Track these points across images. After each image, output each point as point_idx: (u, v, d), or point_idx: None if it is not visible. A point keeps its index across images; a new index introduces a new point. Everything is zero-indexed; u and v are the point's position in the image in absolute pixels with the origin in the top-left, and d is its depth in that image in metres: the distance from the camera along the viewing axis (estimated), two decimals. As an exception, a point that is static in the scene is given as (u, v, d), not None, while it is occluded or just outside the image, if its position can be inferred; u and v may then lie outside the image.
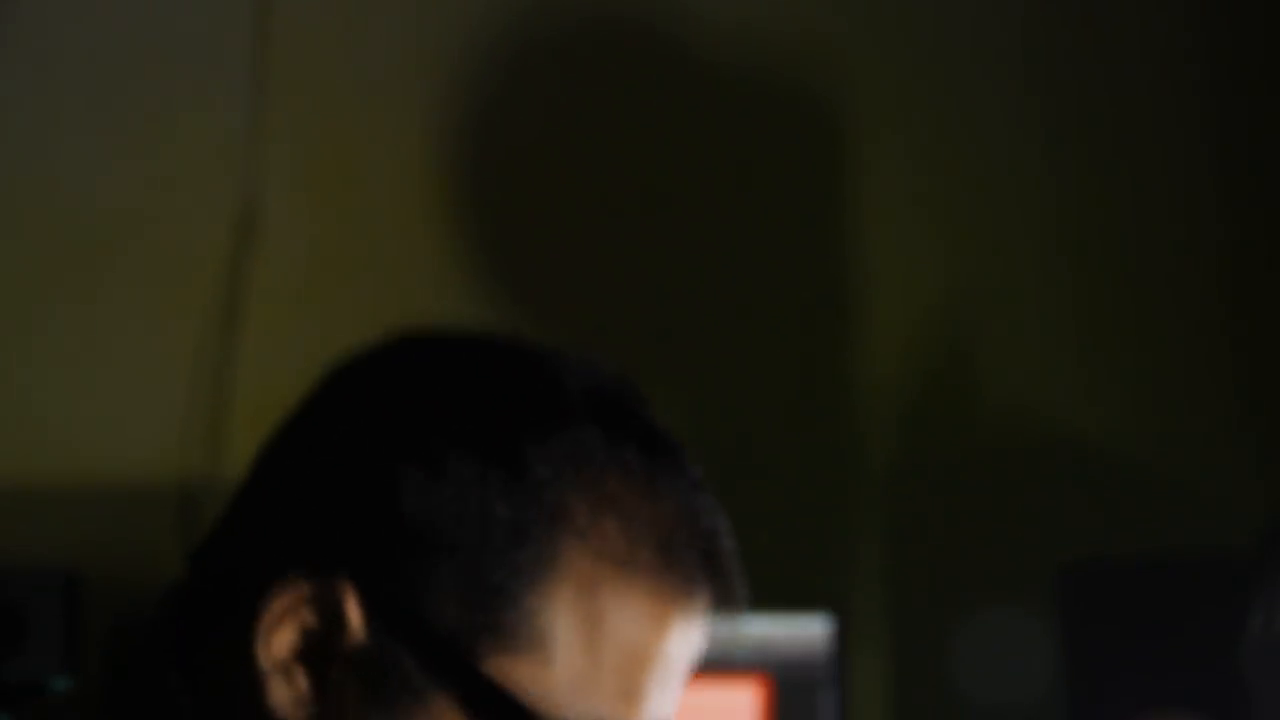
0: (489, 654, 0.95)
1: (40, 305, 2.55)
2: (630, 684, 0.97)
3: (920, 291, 2.58)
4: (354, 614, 0.95)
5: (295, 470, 0.99)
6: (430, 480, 0.95)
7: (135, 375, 2.55)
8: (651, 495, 0.97)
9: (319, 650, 0.95)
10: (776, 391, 2.57)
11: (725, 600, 0.99)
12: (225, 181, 2.50)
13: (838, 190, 2.59)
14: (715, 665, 2.14)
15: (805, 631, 2.17)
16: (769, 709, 2.15)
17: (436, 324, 1.02)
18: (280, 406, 1.03)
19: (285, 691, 0.95)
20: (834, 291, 2.59)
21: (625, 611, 0.96)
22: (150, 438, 2.53)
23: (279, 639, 0.95)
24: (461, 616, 0.94)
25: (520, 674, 0.95)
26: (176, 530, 2.41)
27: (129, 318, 2.55)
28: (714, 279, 2.56)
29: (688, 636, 0.99)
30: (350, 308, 2.44)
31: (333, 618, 0.95)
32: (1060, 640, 2.22)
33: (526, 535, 0.94)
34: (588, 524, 0.95)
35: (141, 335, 2.55)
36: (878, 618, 2.53)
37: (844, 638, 2.17)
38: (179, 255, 2.52)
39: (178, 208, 2.53)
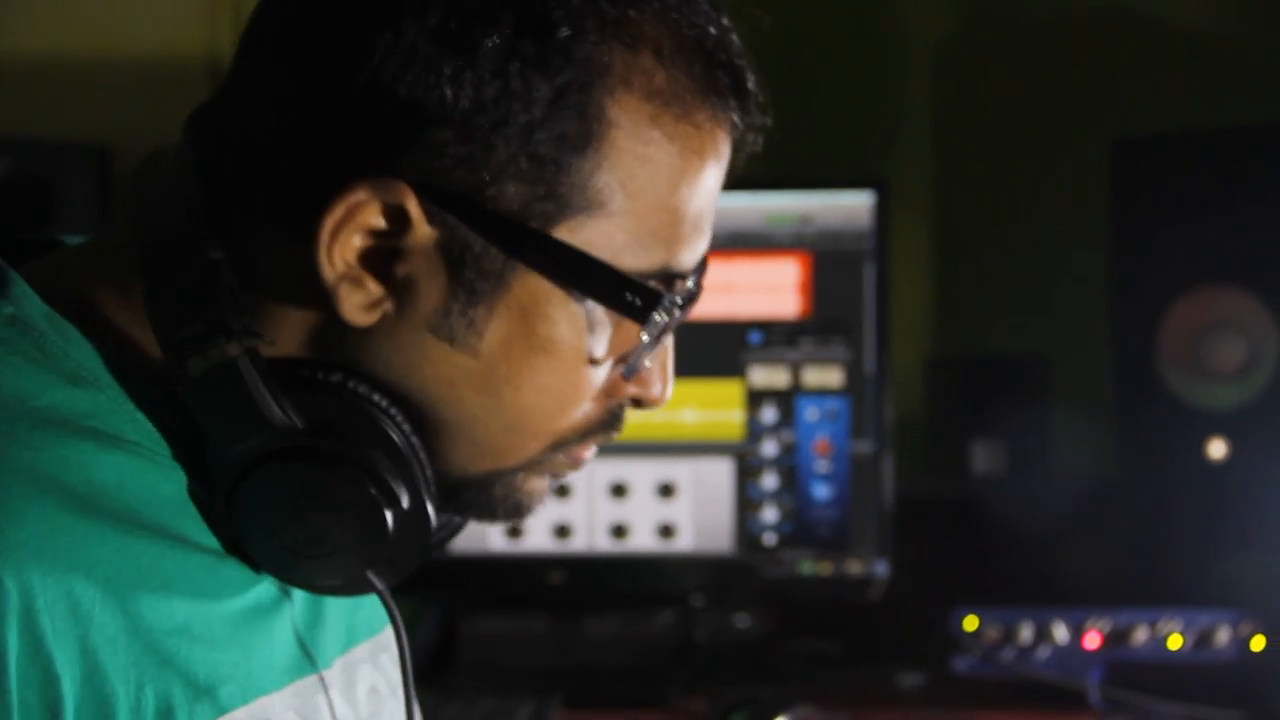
0: (555, 222, 0.94)
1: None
2: (682, 223, 0.97)
3: None
4: (415, 209, 0.93)
5: (315, 60, 0.94)
6: (464, 66, 0.92)
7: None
8: (674, 26, 0.95)
9: (384, 253, 0.94)
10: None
11: (753, 124, 0.99)
12: None
13: None
14: (759, 240, 2.14)
15: (848, 206, 2.15)
16: (811, 282, 2.15)
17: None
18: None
19: (356, 298, 0.95)
20: None
21: (671, 146, 0.96)
22: (179, 14, 2.51)
23: (341, 248, 0.94)
24: (522, 193, 0.93)
25: (587, 236, 0.95)
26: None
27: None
28: None
29: (722, 163, 0.99)
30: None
31: (394, 217, 0.93)
32: (1111, 214, 2.20)
33: (568, 99, 0.93)
34: (625, 68, 0.94)
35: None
36: (921, 193, 2.52)
37: (886, 212, 2.15)
38: None
39: None
